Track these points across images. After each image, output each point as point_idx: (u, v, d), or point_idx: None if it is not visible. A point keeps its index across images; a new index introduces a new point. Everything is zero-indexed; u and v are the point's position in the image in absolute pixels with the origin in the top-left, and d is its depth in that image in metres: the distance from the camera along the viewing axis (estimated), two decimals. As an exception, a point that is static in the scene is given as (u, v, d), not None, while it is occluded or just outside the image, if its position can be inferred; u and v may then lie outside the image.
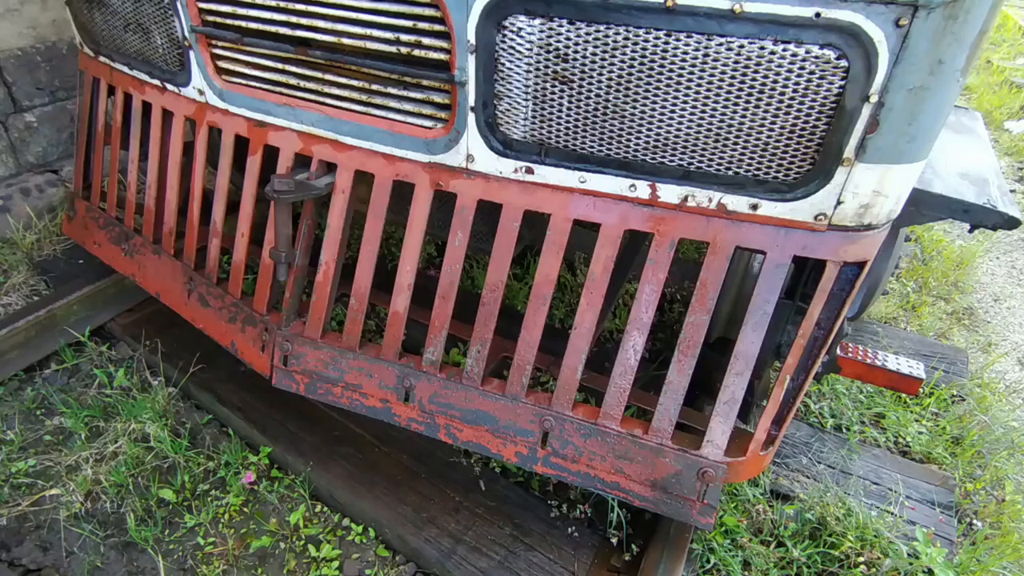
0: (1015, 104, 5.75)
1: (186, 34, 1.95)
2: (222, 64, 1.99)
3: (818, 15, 1.23)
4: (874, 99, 1.29)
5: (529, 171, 1.65)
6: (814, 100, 1.33)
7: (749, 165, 1.46)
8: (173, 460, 2.31)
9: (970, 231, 1.73)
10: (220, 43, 1.93)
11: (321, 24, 1.70)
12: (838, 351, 1.96)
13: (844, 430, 2.57)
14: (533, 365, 1.77)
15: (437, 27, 1.55)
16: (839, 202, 1.45)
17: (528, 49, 1.47)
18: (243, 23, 1.84)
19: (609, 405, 1.70)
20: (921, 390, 2.71)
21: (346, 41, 1.69)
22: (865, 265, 1.56)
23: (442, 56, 1.59)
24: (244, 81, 1.97)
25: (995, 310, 3.34)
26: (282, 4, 1.73)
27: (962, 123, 2.32)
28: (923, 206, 1.72)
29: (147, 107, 2.32)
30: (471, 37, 1.50)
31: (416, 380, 1.87)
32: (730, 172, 1.48)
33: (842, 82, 1.29)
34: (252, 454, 2.35)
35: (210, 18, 1.90)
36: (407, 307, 1.88)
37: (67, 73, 3.60)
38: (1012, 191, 4.53)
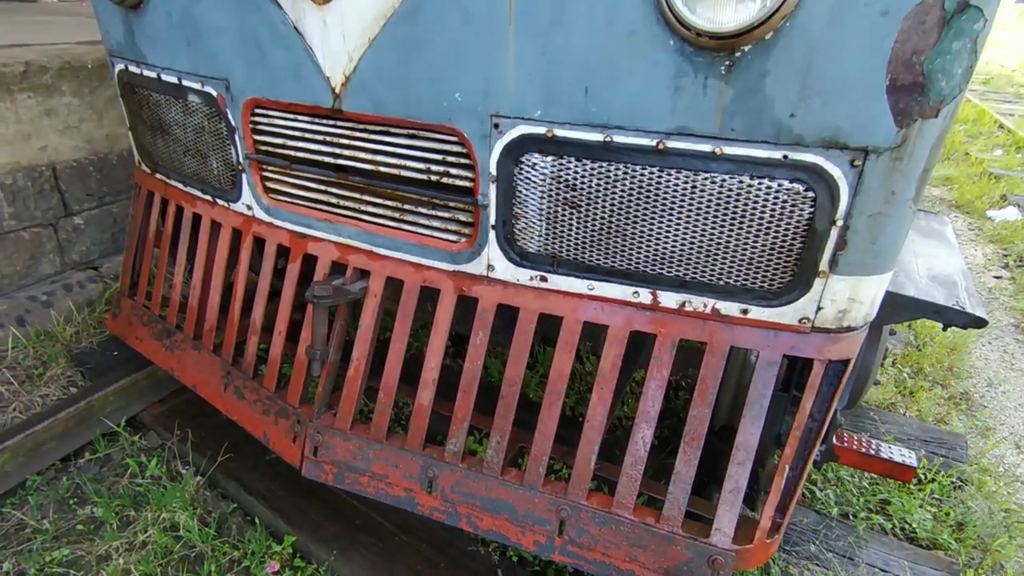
0: (995, 193, 6.09)
1: (240, 160, 2.24)
2: (270, 184, 2.26)
3: (786, 157, 1.47)
4: (840, 223, 1.51)
5: (543, 279, 1.86)
6: (789, 223, 1.55)
7: (738, 276, 1.66)
8: (200, 549, 2.39)
9: (944, 329, 1.91)
10: (270, 168, 2.21)
11: (361, 155, 1.97)
12: (834, 440, 2.08)
13: (851, 517, 2.64)
14: (549, 456, 1.90)
15: (463, 160, 1.81)
16: (819, 308, 1.64)
17: (541, 180, 1.72)
18: (292, 152, 2.12)
19: (622, 495, 1.82)
20: (923, 475, 2.79)
21: (383, 169, 1.96)
22: (849, 363, 1.73)
23: (467, 184, 1.84)
24: (289, 199, 2.24)
25: (991, 395, 3.45)
26: (328, 139, 2.01)
27: (932, 228, 2.55)
28: (899, 307, 1.91)
29: (196, 218, 2.58)
30: (493, 169, 1.75)
31: (439, 470, 2.00)
32: (721, 282, 1.68)
33: (811, 209, 1.52)
34: (276, 543, 2.43)
35: (263, 147, 2.18)
36: (432, 400, 2.04)
37: (114, 179, 3.95)
38: (998, 277, 4.74)
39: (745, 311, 1.69)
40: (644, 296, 1.77)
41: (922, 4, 1.26)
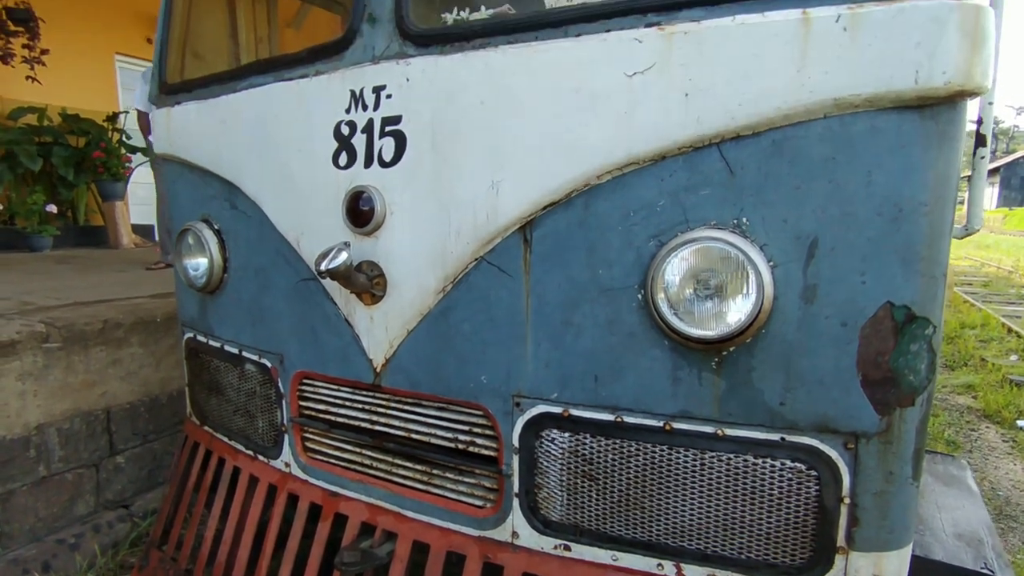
0: (1020, 402, 6.03)
1: (285, 422, 2.44)
2: (309, 445, 2.43)
3: (783, 439, 1.61)
4: (847, 500, 1.58)
5: (567, 548, 1.90)
6: (799, 500, 1.62)
7: (758, 551, 1.69)
8: None
9: (982, 596, 1.84)
10: (311, 430, 2.41)
11: (396, 423, 2.16)
12: None
13: None
14: None
15: (488, 432, 1.98)
16: (846, 583, 1.63)
17: (560, 453, 1.86)
18: (332, 417, 2.33)
19: None
20: None
21: (414, 436, 2.13)
22: (890, 641, 1.66)
23: (492, 453, 1.98)
24: (325, 459, 2.39)
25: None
26: (366, 408, 2.22)
27: (950, 473, 2.57)
28: (929, 574, 1.87)
29: (235, 471, 2.72)
30: (515, 442, 1.91)
31: None
32: (743, 556, 1.71)
33: (817, 487, 1.60)
34: None
35: (307, 412, 2.40)
36: None
37: (161, 418, 4.20)
38: (1048, 497, 4.50)
39: (771, 586, 1.69)
40: (668, 568, 1.79)
41: (874, 317, 1.49)
